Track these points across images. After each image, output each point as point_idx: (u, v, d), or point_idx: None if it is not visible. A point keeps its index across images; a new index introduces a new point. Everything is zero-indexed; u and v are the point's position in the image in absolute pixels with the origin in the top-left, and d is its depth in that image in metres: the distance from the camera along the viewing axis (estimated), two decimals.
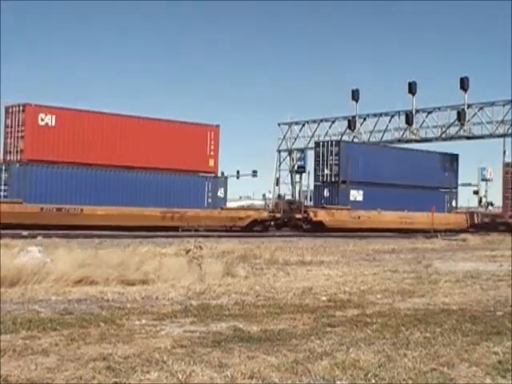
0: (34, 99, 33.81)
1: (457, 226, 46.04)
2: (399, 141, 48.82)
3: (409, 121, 47.20)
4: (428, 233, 37.83)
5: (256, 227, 38.52)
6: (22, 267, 11.05)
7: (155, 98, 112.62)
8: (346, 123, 50.63)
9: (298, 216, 39.73)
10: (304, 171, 55.17)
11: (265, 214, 39.83)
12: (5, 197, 31.12)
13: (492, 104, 45.46)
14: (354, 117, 49.89)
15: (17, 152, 32.06)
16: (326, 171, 41.37)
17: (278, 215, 40.19)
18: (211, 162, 37.45)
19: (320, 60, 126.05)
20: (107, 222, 32.27)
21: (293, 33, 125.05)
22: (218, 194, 37.39)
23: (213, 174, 37.87)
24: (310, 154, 55.36)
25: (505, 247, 26.32)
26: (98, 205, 32.57)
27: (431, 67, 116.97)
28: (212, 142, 37.49)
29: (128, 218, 33.08)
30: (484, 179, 61.20)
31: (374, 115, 50.37)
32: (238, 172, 62.24)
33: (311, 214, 39.75)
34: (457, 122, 45.78)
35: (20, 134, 31.92)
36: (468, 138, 46.98)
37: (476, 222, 48.72)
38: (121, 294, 10.39)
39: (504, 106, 44.64)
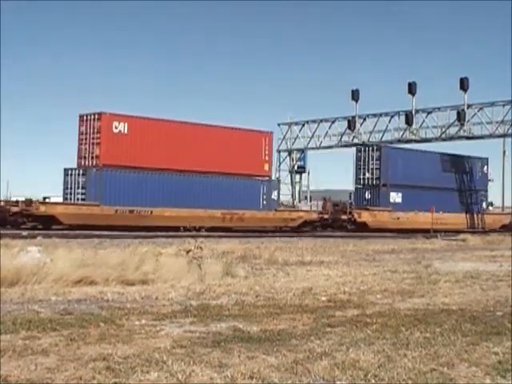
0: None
1: (490, 226, 48.92)
2: (399, 141, 48.75)
3: (409, 121, 47.14)
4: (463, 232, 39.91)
5: (305, 228, 40.73)
6: (22, 267, 11.05)
7: (155, 98, 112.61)
8: (345, 123, 50.54)
9: (344, 217, 41.92)
10: (304, 171, 55.25)
11: (314, 216, 42.15)
12: (82, 199, 33.33)
13: (492, 104, 45.44)
14: (353, 117, 49.82)
15: (92, 158, 34.19)
16: (367, 175, 44.17)
17: (326, 216, 42.42)
18: (266, 167, 40.13)
19: (320, 60, 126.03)
20: (174, 223, 33.98)
21: (293, 33, 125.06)
22: (272, 196, 39.85)
23: (267, 178, 40.27)
24: (310, 155, 55.64)
25: (505, 247, 26.34)
26: (166, 207, 34.69)
27: (431, 67, 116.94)
28: (266, 148, 40.17)
29: (192, 219, 34.54)
30: None
31: (374, 115, 50.30)
32: None
33: (356, 216, 42.03)
34: (457, 122, 45.73)
35: (95, 141, 34.11)
36: (468, 138, 46.95)
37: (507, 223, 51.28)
38: (120, 294, 10.39)
39: (504, 106, 44.61)
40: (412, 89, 46.62)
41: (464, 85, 44.58)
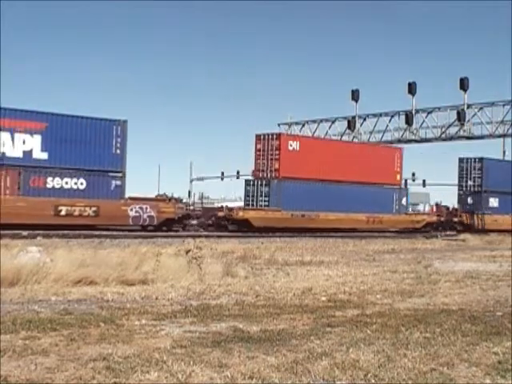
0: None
1: None
2: (399, 141, 48.77)
3: (409, 121, 47.11)
4: None
5: (425, 228, 46.68)
6: (22, 267, 11.04)
7: (155, 99, 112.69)
8: (345, 123, 50.54)
9: (455, 219, 48.57)
10: None
11: (434, 218, 48.83)
12: (265, 206, 38.62)
13: (492, 104, 45.35)
14: (353, 117, 49.80)
15: (270, 171, 39.36)
16: (470, 183, 49.63)
17: (442, 219, 48.93)
18: (397, 177, 46.04)
19: (320, 60, 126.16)
20: (335, 225, 39.94)
21: (293, 33, 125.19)
22: (402, 202, 45.99)
23: (398, 186, 46.17)
24: None
25: (505, 247, 26.34)
26: (328, 211, 39.97)
27: (431, 67, 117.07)
28: (398, 161, 45.84)
29: (346, 221, 41.05)
30: None
31: (374, 115, 50.24)
32: (237, 172, 62.99)
33: (464, 218, 48.21)
34: (456, 122, 45.70)
35: (274, 157, 39.43)
36: (468, 138, 46.92)
37: None
38: (120, 294, 10.39)
39: (504, 106, 44.52)
40: (412, 89, 46.55)
41: (464, 85, 44.52)
